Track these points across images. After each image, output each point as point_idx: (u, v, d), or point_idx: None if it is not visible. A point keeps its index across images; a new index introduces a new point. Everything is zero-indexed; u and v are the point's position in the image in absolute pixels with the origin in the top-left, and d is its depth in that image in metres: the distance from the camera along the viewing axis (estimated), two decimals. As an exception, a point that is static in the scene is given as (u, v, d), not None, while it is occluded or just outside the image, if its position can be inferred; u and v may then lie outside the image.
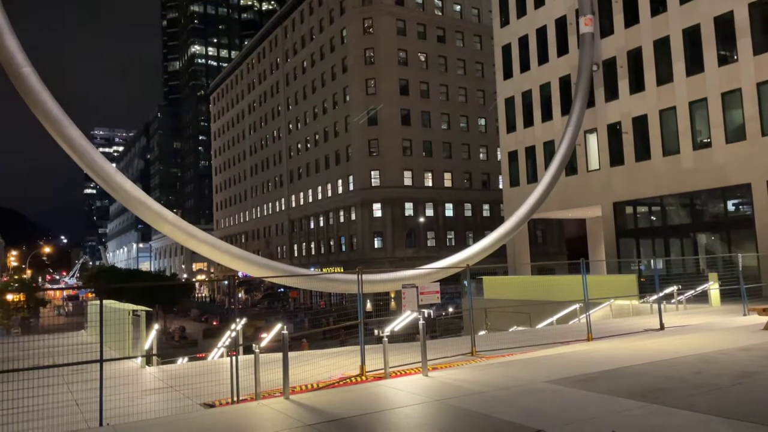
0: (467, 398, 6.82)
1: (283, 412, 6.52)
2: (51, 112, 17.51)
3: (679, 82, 27.21)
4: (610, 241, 30.59)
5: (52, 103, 17.72)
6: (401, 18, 61.52)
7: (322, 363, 11.77)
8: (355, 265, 58.01)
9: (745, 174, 24.75)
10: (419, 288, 11.28)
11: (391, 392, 7.45)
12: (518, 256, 35.73)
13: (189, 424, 6.51)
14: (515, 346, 12.95)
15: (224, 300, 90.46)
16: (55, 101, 18.05)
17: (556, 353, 10.76)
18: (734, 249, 25.59)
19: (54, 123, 17.58)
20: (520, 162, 36.06)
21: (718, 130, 25.76)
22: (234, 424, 6.28)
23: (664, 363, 8.61)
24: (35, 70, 17.87)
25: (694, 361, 8.65)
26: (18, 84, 17.55)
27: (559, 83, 33.39)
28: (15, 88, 18.04)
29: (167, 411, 7.43)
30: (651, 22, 28.47)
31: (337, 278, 21.91)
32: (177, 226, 19.61)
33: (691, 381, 7.29)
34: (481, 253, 24.90)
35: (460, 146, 63.93)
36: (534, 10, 35.05)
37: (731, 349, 9.54)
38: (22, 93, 17.52)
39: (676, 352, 9.52)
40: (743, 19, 24.83)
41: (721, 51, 25.77)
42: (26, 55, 17.94)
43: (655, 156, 28.34)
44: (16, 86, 17.71)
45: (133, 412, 7.46)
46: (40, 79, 17.92)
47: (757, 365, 8.05)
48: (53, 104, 17.70)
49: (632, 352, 10.12)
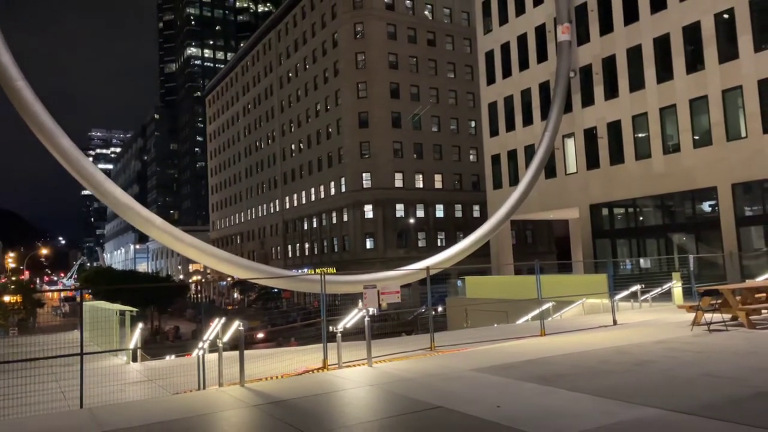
0: (396, 383, 7.86)
1: (236, 396, 7.55)
2: (44, 124, 18.51)
3: (651, 88, 28.28)
4: (587, 241, 31.66)
5: (45, 115, 18.72)
6: (392, 22, 62.55)
7: (294, 358, 12.82)
8: (348, 266, 59.01)
9: (711, 177, 25.82)
10: (379, 289, 12.36)
11: (336, 380, 8.48)
12: (500, 256, 36.77)
13: (154, 406, 7.53)
14: (474, 341, 13.96)
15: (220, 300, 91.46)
16: (47, 112, 19.05)
17: (503, 346, 11.79)
18: (703, 249, 26.69)
19: (47, 134, 18.57)
20: (503, 165, 37.12)
21: (686, 135, 26.84)
22: (190, 405, 7.31)
23: (584, 354, 9.66)
24: (28, 83, 18.88)
25: (610, 352, 9.69)
26: (12, 97, 18.54)
27: (539, 89, 34.44)
28: (9, 100, 19.05)
29: (141, 398, 8.46)
30: (624, 30, 29.54)
31: (307, 279, 23.17)
32: (165, 231, 20.62)
33: (594, 368, 8.34)
34: (460, 254, 25.93)
35: (451, 148, 64.98)
36: (515, 18, 36.10)
37: (649, 342, 10.58)
38: (17, 105, 18.52)
39: (602, 345, 10.57)
40: (709, 29, 25.91)
41: (689, 59, 26.84)
42: (19, 69, 18.96)
43: (628, 160, 29.41)
44: (11, 99, 18.70)
45: (111, 399, 8.47)
46: (33, 92, 18.92)
47: (659, 356, 9.07)
48: (46, 116, 18.70)
49: (566, 344, 11.17)
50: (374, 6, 61.73)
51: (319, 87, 67.39)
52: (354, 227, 61.27)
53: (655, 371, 8.05)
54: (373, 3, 61.74)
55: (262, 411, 6.71)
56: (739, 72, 24.85)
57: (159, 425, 6.25)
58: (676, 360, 8.58)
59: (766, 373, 7.66)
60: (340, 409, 6.86)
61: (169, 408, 7.18)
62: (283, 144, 76.99)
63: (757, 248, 25.06)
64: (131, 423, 6.35)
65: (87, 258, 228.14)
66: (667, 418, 5.57)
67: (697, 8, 26.36)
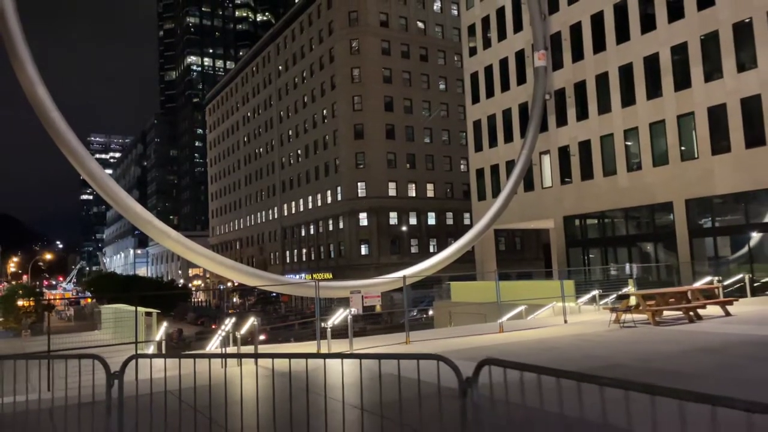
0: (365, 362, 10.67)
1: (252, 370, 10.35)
2: (76, 150, 21.25)
3: (616, 112, 31.22)
4: (562, 250, 34.52)
5: (76, 142, 21.47)
6: (386, 38, 65.56)
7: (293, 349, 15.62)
8: (344, 271, 61.83)
9: (668, 193, 28.72)
10: (363, 294, 15.20)
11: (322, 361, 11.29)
12: (484, 263, 39.58)
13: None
14: (444, 337, 16.73)
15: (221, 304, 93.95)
16: (78, 139, 21.84)
17: (464, 340, 14.55)
18: (661, 258, 29.58)
19: (78, 159, 21.30)
20: (486, 178, 39.99)
21: (647, 155, 29.75)
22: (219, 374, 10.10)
23: (515, 343, 12.42)
24: (61, 114, 21.66)
25: (534, 341, 12.47)
26: (48, 126, 21.28)
27: (518, 109, 37.35)
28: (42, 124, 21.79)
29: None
30: (593, 59, 32.49)
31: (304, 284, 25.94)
32: (179, 242, 23.37)
33: (514, 351, 11.08)
34: (440, 264, 28.66)
35: (442, 158, 67.91)
36: (497, 43, 39.05)
37: (569, 335, 13.37)
38: (52, 134, 21.25)
39: (535, 338, 13.34)
40: (666, 60, 28.86)
41: (649, 87, 29.77)
42: (53, 100, 21.74)
43: (597, 176, 32.32)
44: (46, 127, 21.44)
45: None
46: (65, 121, 21.70)
47: (566, 344, 11.81)
48: (77, 143, 21.46)
49: (510, 338, 13.94)
50: (369, 23, 64.74)
51: (317, 99, 70.30)
52: (349, 234, 64.08)
53: (553, 353, 10.76)
54: (368, 20, 64.77)
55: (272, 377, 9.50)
56: (692, 99, 27.78)
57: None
58: (575, 347, 11.37)
59: (633, 354, 10.36)
60: (323, 375, 9.61)
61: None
62: (281, 153, 79.83)
63: (710, 256, 27.96)
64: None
65: (86, 262, 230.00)
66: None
67: (657, 41, 29.32)
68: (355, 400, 6.86)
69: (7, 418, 6.98)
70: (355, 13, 64.91)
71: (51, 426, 6.99)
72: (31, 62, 20.70)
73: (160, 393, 5.92)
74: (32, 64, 20.71)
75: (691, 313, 14.38)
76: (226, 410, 6.18)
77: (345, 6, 65.43)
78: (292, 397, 5.09)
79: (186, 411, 6.25)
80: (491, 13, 39.48)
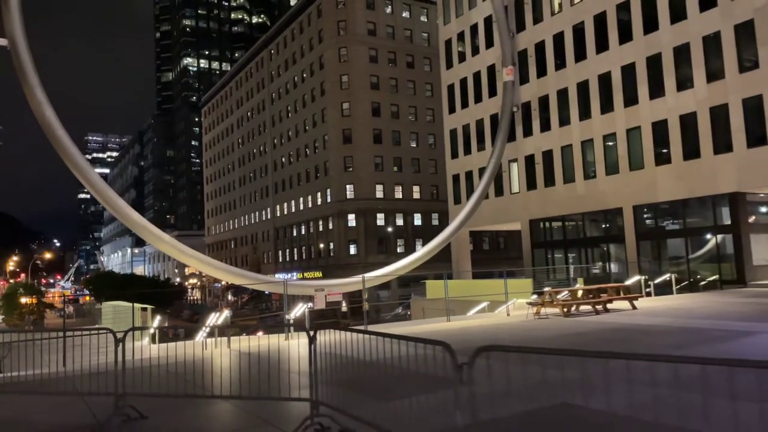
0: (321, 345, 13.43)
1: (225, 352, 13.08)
2: (80, 163, 23.95)
3: (574, 124, 34.00)
4: (528, 250, 37.33)
5: (79, 157, 24.17)
6: (373, 46, 68.25)
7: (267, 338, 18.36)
8: (333, 270, 64.59)
9: (618, 200, 31.54)
10: (326, 292, 17.97)
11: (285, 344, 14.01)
12: (459, 263, 42.37)
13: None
14: (399, 326, 19.50)
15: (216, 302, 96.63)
16: (81, 154, 24.54)
17: (415, 328, 17.31)
18: (613, 259, 32.41)
19: (81, 171, 23.99)
20: (461, 184, 42.77)
21: (600, 165, 32.56)
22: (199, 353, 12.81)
23: (447, 330, 15.16)
24: (66, 131, 24.31)
25: (458, 329, 15.23)
26: (54, 143, 23.95)
27: (490, 119, 40.12)
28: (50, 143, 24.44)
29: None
30: (555, 75, 35.26)
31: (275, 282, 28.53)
32: (171, 245, 26.12)
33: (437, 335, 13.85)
34: (414, 263, 31.49)
35: (428, 162, 70.66)
36: (471, 57, 41.80)
37: (491, 324, 16.13)
38: (58, 150, 23.92)
39: (465, 326, 16.08)
40: (617, 78, 31.65)
41: (602, 102, 32.56)
42: (58, 118, 24.40)
43: (558, 183, 35.11)
44: (53, 144, 24.11)
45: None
46: (70, 137, 24.36)
47: (480, 330, 14.57)
48: (80, 157, 24.16)
49: (450, 326, 16.67)
50: (357, 31, 67.42)
51: (307, 105, 72.99)
52: (338, 234, 66.84)
53: (464, 336, 13.50)
54: (356, 29, 67.47)
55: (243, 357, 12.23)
56: (639, 115, 30.58)
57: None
58: (485, 332, 14.14)
59: (530, 339, 13.11)
60: (287, 355, 12.34)
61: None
62: (274, 156, 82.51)
63: (654, 257, 30.79)
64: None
65: (84, 261, 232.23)
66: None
67: (609, 60, 32.09)
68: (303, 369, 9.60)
69: (30, 384, 9.68)
70: (344, 22, 67.60)
71: (71, 385, 9.71)
72: (40, 87, 23.38)
73: (155, 365, 8.65)
74: (41, 89, 23.40)
75: (599, 306, 17.16)
76: (203, 377, 8.92)
77: (334, 15, 68.12)
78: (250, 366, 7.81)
79: (172, 374, 8.98)
80: (465, 29, 42.22)
